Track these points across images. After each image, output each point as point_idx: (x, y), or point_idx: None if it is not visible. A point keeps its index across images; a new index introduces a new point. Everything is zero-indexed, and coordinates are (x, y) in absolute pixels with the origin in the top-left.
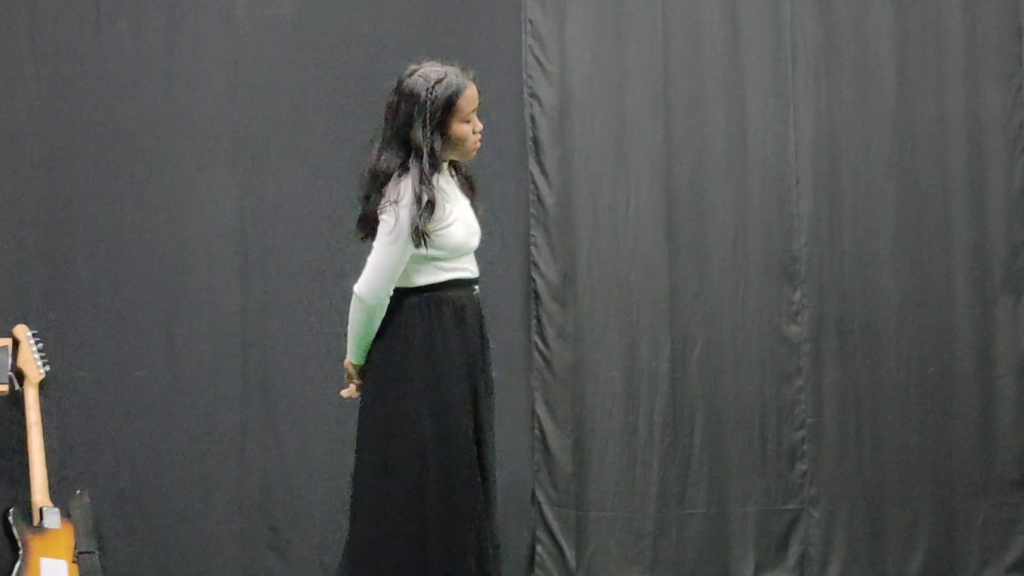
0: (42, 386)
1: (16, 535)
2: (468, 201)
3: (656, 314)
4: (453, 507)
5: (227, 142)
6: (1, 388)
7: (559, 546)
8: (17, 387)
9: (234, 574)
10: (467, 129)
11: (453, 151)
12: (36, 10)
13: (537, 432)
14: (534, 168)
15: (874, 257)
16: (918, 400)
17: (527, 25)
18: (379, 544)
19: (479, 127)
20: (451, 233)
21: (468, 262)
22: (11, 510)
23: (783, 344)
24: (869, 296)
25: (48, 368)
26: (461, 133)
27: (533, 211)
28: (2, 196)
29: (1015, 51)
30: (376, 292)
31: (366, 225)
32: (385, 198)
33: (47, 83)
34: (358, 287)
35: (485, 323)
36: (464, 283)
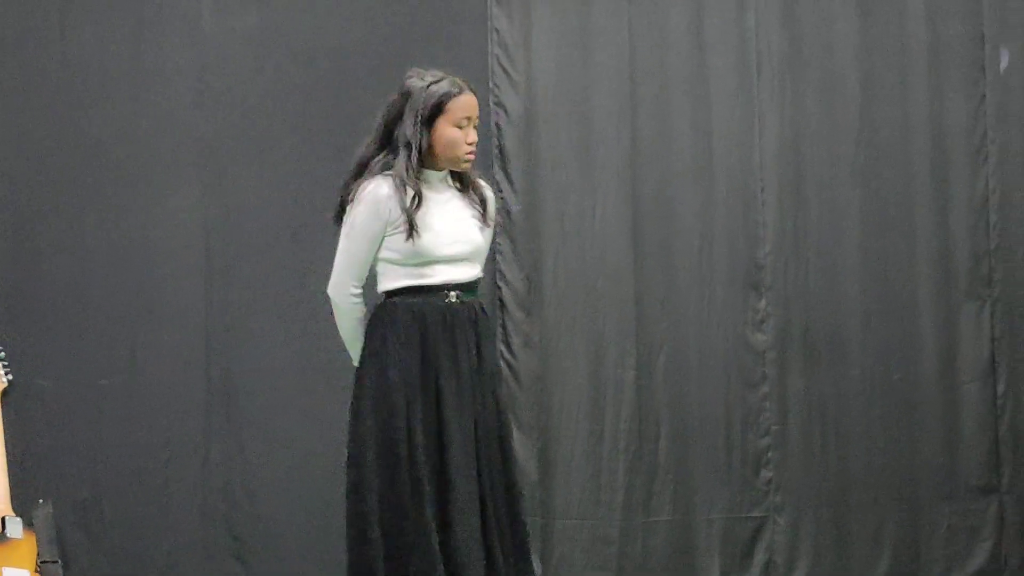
0: (4, 395)
1: None
2: (468, 214)
3: (622, 322)
4: (393, 510)
5: (192, 151)
6: None
7: None
8: None
9: None
10: (457, 134)
11: (442, 156)
12: None
13: None
14: (500, 176)
15: (839, 265)
16: (883, 407)
17: (493, 34)
18: (348, 543)
19: (472, 138)
20: (402, 238)
21: (441, 269)
22: None
23: (748, 352)
24: (834, 304)
25: (11, 377)
26: (450, 136)
27: (499, 220)
28: None
29: (978, 60)
30: (335, 287)
31: (340, 215)
32: (352, 192)
33: (10, 91)
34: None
35: (473, 329)
36: (430, 289)
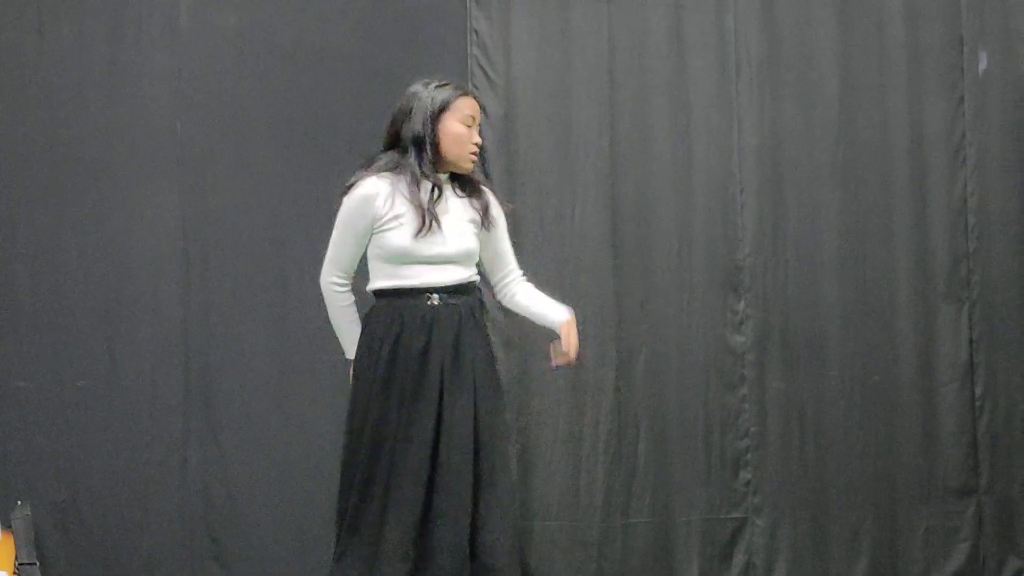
0: None
1: None
2: (465, 217)
3: (601, 324)
4: (366, 501)
5: (170, 151)
6: None
7: None
8: None
9: None
10: (464, 130)
11: (448, 153)
12: None
13: None
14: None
15: (817, 267)
16: (861, 409)
17: (472, 36)
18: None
19: (477, 139)
20: (391, 236)
21: (423, 270)
22: None
23: (727, 353)
24: (813, 306)
25: None
26: (457, 131)
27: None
28: None
29: (957, 62)
30: (323, 276)
31: None
32: (349, 185)
33: None
34: None
35: (454, 332)
36: (411, 291)
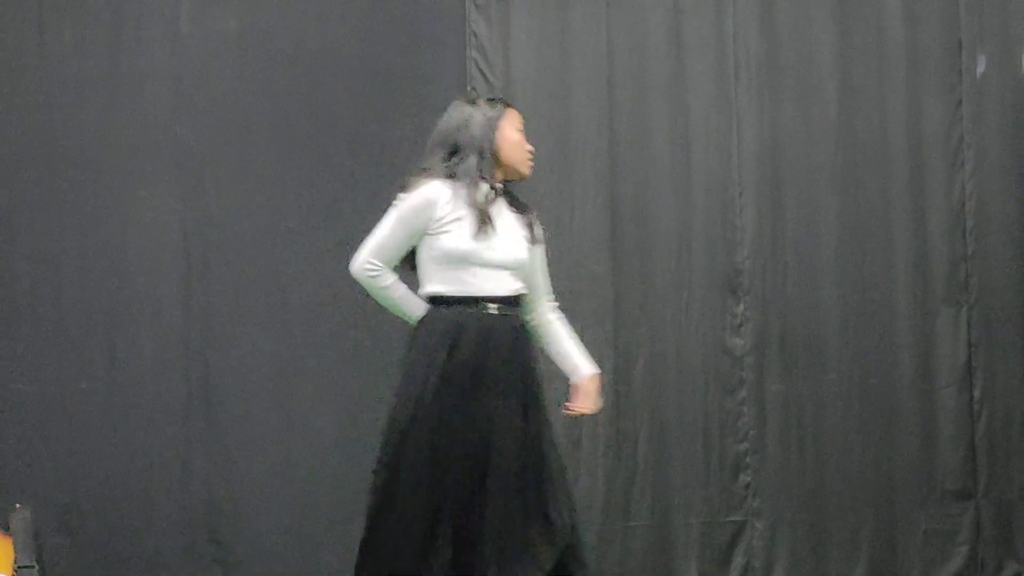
0: None
1: None
2: (519, 229)
3: (600, 326)
4: (393, 509)
5: (170, 155)
6: None
7: None
8: None
9: None
10: (520, 136)
11: (508, 158)
12: None
13: None
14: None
15: (816, 270)
16: (860, 411)
17: (471, 38)
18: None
19: (529, 146)
20: (448, 238)
21: (483, 275)
22: None
23: (726, 356)
24: (811, 309)
25: None
26: (515, 137)
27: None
28: None
29: (955, 65)
30: (357, 261)
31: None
32: (410, 183)
33: None
34: None
35: (510, 344)
36: (468, 300)
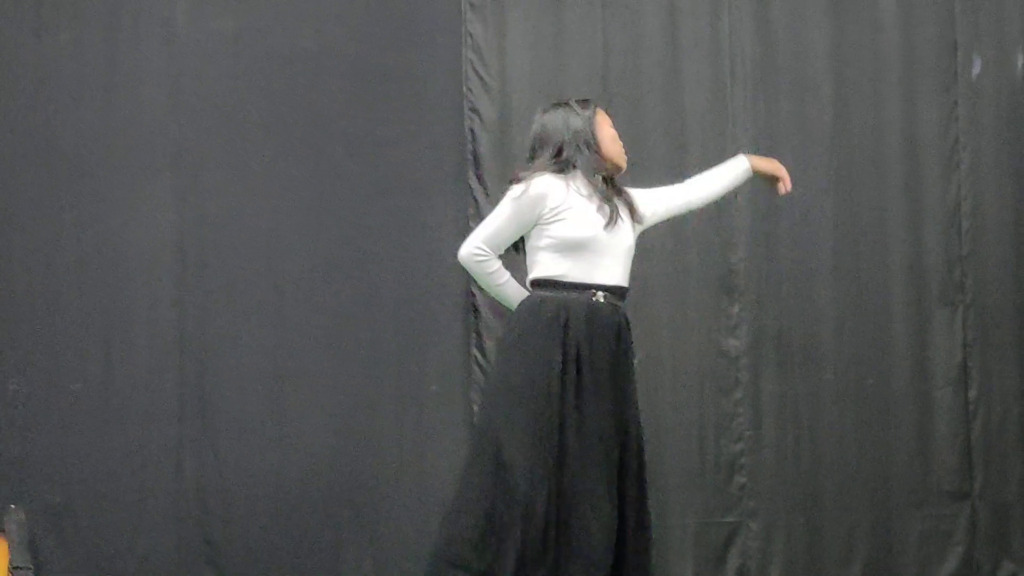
0: None
1: None
2: (624, 216)
3: None
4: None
5: (166, 155)
6: None
7: None
8: None
9: None
10: (614, 132)
11: (607, 153)
12: None
13: None
14: (474, 182)
15: (812, 270)
16: (856, 412)
17: (467, 39)
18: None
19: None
20: (564, 226)
21: (589, 265)
22: None
23: (722, 357)
24: (807, 309)
25: None
26: (611, 133)
27: (472, 225)
28: None
29: (950, 66)
30: (467, 247)
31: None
32: (525, 176)
33: None
34: None
35: (615, 334)
36: (577, 286)
